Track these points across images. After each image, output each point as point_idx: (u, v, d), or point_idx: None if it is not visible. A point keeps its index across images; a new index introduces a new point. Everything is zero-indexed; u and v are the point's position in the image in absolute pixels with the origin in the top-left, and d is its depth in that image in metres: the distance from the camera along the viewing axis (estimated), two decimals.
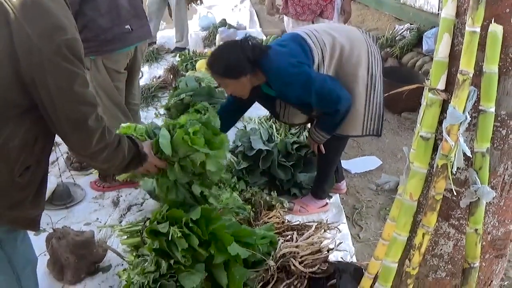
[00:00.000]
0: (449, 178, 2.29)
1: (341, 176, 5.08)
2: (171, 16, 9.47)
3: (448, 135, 2.19)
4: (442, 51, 2.27)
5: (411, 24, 8.91)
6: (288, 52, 3.94)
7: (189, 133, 3.24)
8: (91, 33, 4.22)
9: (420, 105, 2.47)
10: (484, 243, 2.46)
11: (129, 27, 4.43)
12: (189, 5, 9.69)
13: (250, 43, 3.93)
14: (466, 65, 2.12)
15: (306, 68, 3.87)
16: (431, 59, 5.97)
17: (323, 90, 3.89)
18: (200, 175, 3.43)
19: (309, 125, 4.97)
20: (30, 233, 2.83)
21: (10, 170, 2.40)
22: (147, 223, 3.52)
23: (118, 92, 4.63)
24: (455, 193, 2.37)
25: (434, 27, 8.17)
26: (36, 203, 2.65)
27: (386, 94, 2.93)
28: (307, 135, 5.19)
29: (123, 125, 3.44)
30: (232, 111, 4.64)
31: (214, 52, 4.12)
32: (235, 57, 3.87)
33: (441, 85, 2.28)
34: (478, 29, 2.11)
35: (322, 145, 4.36)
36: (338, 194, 5.00)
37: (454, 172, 2.31)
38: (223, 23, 10.32)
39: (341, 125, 4.10)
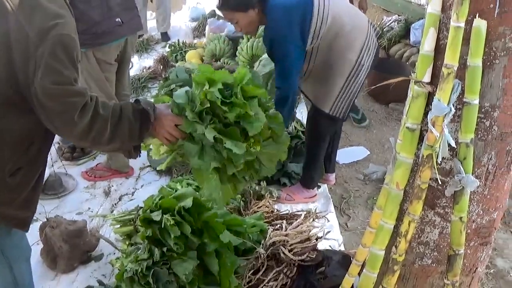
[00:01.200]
0: (435, 168, 2.34)
1: (333, 168, 5.13)
2: (152, 1, 9.41)
3: (433, 126, 2.24)
4: (427, 45, 2.32)
5: (399, 16, 8.97)
6: (293, 6, 4.00)
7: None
8: (82, 26, 4.21)
9: (407, 96, 2.53)
10: (469, 231, 2.51)
11: (119, 20, 4.44)
12: None
13: None
14: (451, 59, 2.18)
15: (293, 33, 3.99)
16: (419, 50, 6.04)
17: (280, 71, 4.11)
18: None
19: (298, 115, 5.04)
20: None
21: (2, 169, 2.44)
22: (140, 211, 3.57)
23: (108, 83, 4.65)
24: (440, 182, 2.42)
25: (422, 18, 8.20)
26: (27, 205, 2.66)
27: (374, 86, 2.98)
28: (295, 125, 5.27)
29: None
30: None
31: None
32: None
33: (427, 78, 2.33)
34: (462, 24, 2.16)
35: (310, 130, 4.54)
36: (326, 184, 5.06)
37: (439, 162, 2.36)
38: (213, 14, 10.26)
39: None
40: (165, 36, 9.52)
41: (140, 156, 2.94)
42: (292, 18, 3.97)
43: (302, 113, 5.94)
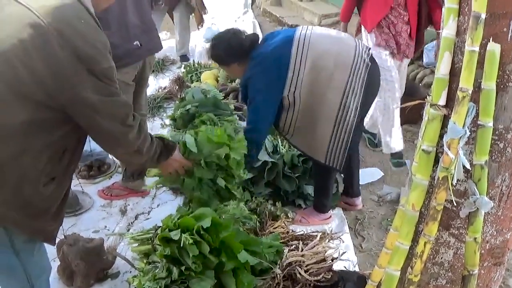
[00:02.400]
0: (450, 190, 2.37)
1: (357, 191, 5.12)
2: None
3: (449, 149, 2.27)
4: (443, 69, 2.36)
5: None
6: (266, 57, 4.14)
7: (211, 133, 3.69)
8: None
9: (421, 118, 2.57)
10: (482, 251, 2.53)
11: (138, 43, 4.47)
12: (192, 14, 9.73)
13: (239, 36, 4.33)
14: (466, 83, 2.22)
15: (265, 90, 4.12)
16: (432, 71, 6.03)
17: (251, 114, 4.26)
18: (223, 170, 3.78)
19: None
20: None
21: (37, 179, 2.50)
22: (158, 230, 3.61)
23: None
24: (455, 204, 2.45)
25: (434, 40, 8.23)
26: (57, 216, 2.77)
27: (405, 105, 2.98)
28: None
29: None
30: None
31: (212, 41, 4.53)
32: (226, 46, 4.30)
33: (442, 101, 2.36)
34: (477, 48, 2.21)
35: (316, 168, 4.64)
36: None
37: (454, 184, 2.39)
38: None
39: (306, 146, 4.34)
40: (184, 58, 9.57)
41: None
42: (267, 67, 4.10)
43: None
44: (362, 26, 5.64)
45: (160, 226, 3.61)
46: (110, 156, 5.71)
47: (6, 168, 2.43)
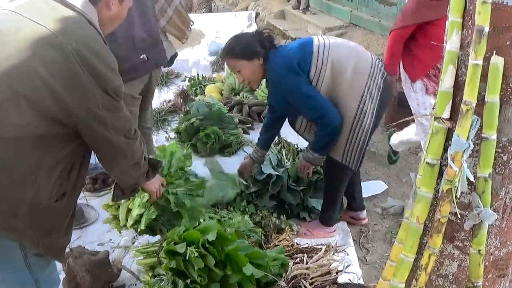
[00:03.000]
0: (454, 202, 2.38)
1: (361, 205, 5.13)
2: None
3: (453, 162, 2.29)
4: (447, 82, 2.37)
5: None
6: (292, 58, 4.12)
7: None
8: None
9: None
10: (486, 263, 2.54)
11: (145, 57, 4.52)
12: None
13: (264, 33, 4.27)
14: (469, 96, 2.23)
15: (301, 79, 4.07)
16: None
17: (308, 105, 4.13)
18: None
19: None
20: None
21: (50, 195, 2.54)
22: (164, 243, 3.62)
23: (131, 116, 4.72)
24: (459, 216, 2.46)
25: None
26: (68, 231, 2.82)
27: (394, 123, 3.01)
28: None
29: None
30: (272, 126, 4.86)
31: (228, 41, 4.40)
32: (250, 40, 4.20)
33: (446, 114, 2.38)
34: (480, 62, 2.22)
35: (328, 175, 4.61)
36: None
37: (458, 196, 2.40)
38: None
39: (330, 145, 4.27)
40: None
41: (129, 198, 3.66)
42: (292, 66, 4.07)
43: None
44: (405, 74, 5.44)
45: (166, 239, 3.62)
46: None
47: (23, 183, 2.47)
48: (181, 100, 7.81)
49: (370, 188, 5.77)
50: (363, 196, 5.29)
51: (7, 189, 2.44)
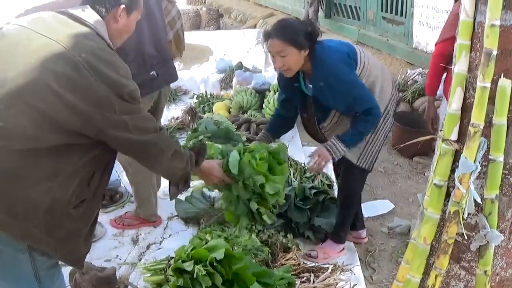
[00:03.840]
0: (461, 223, 2.40)
1: (362, 224, 5.11)
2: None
3: (460, 184, 2.31)
4: (454, 104, 2.40)
5: (423, 69, 9.01)
6: (342, 51, 4.13)
7: (255, 158, 3.66)
8: None
9: (431, 150, 2.60)
10: (492, 284, 2.55)
11: (154, 73, 4.54)
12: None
13: (314, 26, 4.13)
14: (477, 118, 2.25)
15: (354, 73, 4.07)
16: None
17: (362, 95, 4.04)
18: (259, 194, 3.69)
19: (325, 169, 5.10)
20: None
21: (67, 202, 2.56)
22: (171, 261, 3.63)
23: None
24: (466, 237, 2.48)
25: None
26: (88, 239, 2.85)
27: (403, 145, 3.02)
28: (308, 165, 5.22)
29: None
30: (283, 119, 4.74)
31: (279, 21, 4.21)
32: (302, 28, 4.00)
33: (454, 136, 2.40)
34: (488, 84, 2.25)
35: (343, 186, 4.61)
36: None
37: (465, 217, 2.42)
38: (239, 66, 10.46)
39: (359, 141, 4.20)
40: None
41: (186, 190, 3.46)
42: (346, 58, 4.07)
43: (328, 166, 5.96)
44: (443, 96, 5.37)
45: (173, 257, 3.63)
46: (122, 185, 5.76)
47: (39, 191, 2.49)
48: (189, 117, 7.82)
49: (376, 207, 5.78)
50: (369, 215, 5.29)
51: (22, 195, 2.46)
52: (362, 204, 5.07)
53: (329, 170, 5.87)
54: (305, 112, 4.52)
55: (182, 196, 5.44)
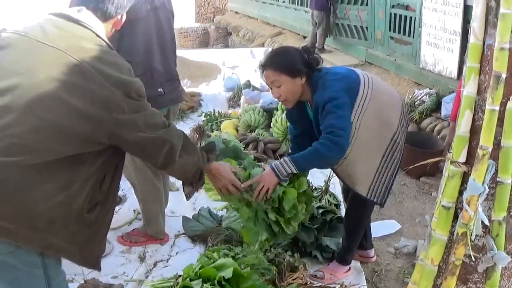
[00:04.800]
0: (468, 245, 2.41)
1: (370, 243, 5.09)
2: None
3: (468, 205, 2.32)
4: (463, 127, 2.41)
5: (430, 89, 9.05)
6: (342, 78, 4.02)
7: None
8: None
9: (438, 170, 2.62)
10: None
11: (161, 90, 4.58)
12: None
13: (311, 52, 4.10)
14: (486, 141, 2.27)
15: (346, 96, 3.91)
16: (450, 124, 6.00)
17: (338, 113, 3.83)
18: (277, 208, 3.77)
19: (331, 188, 5.11)
20: None
21: (81, 207, 2.59)
22: (179, 279, 3.64)
23: None
24: (473, 259, 2.48)
25: (453, 92, 8.28)
26: (103, 240, 2.90)
27: (412, 166, 3.03)
28: (328, 198, 5.28)
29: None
30: (300, 139, 4.53)
31: (273, 50, 4.26)
32: (296, 56, 3.99)
33: (462, 158, 2.41)
34: (497, 107, 2.26)
35: (350, 213, 4.55)
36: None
37: (473, 239, 2.43)
38: (248, 84, 10.51)
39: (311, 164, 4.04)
40: None
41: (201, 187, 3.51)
42: (340, 85, 3.94)
43: (335, 186, 5.97)
44: None
45: (181, 275, 3.64)
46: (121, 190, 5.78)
47: (56, 202, 2.51)
48: (197, 135, 7.84)
49: (383, 227, 5.77)
50: (376, 235, 5.29)
51: (41, 209, 2.48)
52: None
53: (336, 189, 5.88)
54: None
55: (189, 214, 5.47)
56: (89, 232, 2.71)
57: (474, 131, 2.42)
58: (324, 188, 5.51)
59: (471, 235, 2.39)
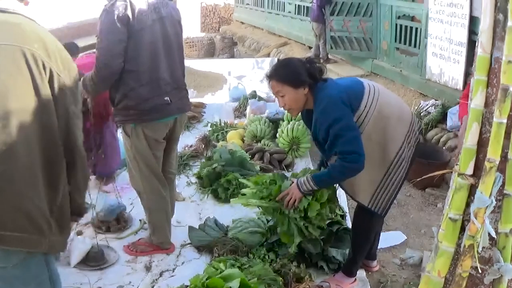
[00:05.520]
0: (475, 257, 2.42)
1: (375, 254, 5.10)
2: None
3: (475, 218, 2.33)
4: (471, 139, 2.42)
5: (436, 100, 9.05)
6: (342, 88, 4.11)
7: None
8: (132, 102, 4.43)
9: (444, 182, 2.63)
10: None
11: (168, 99, 4.59)
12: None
13: (314, 63, 4.22)
14: (493, 154, 2.28)
15: (347, 111, 3.99)
16: (456, 135, 6.03)
17: (346, 136, 3.94)
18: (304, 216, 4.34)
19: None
20: None
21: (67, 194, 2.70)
22: None
23: (155, 160, 4.79)
24: (479, 271, 2.49)
25: (459, 103, 8.29)
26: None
27: (419, 179, 3.04)
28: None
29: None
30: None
31: (277, 62, 4.43)
32: (299, 67, 4.13)
33: (470, 171, 2.42)
34: (505, 120, 2.27)
35: (356, 225, 4.61)
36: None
37: (479, 251, 2.44)
38: (253, 95, 10.53)
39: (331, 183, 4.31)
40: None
41: None
42: (341, 97, 4.01)
43: (341, 197, 5.96)
44: None
45: (187, 285, 3.65)
46: (127, 210, 5.79)
47: (52, 199, 2.60)
48: (203, 145, 7.86)
49: (388, 238, 5.77)
50: (381, 246, 5.29)
51: (43, 208, 2.55)
52: None
53: (342, 200, 5.89)
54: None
55: (195, 224, 5.48)
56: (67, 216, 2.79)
57: (482, 143, 2.42)
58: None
59: (478, 247, 2.40)
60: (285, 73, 4.14)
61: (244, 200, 4.52)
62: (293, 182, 4.31)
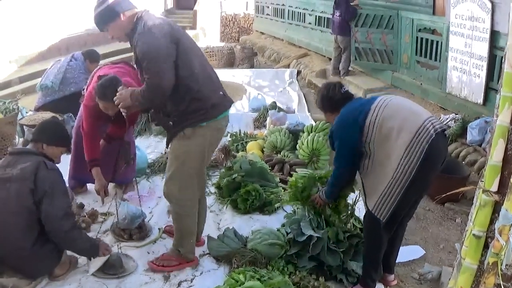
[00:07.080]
0: (499, 275, 2.41)
1: (392, 268, 5.07)
2: None
3: (500, 235, 2.32)
4: (496, 156, 2.41)
5: (456, 114, 9.01)
6: (354, 109, 4.60)
7: None
8: (199, 102, 4.51)
9: (463, 196, 2.62)
10: None
11: (222, 93, 4.76)
12: None
13: (337, 91, 4.87)
14: None
15: (351, 130, 4.50)
16: (475, 150, 6.00)
17: (338, 152, 4.68)
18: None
19: (356, 212, 5.18)
20: None
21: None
22: None
23: (203, 165, 4.93)
24: None
25: (479, 118, 8.25)
26: None
27: (444, 195, 3.02)
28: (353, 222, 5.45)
29: None
30: None
31: (318, 91, 5.17)
32: (324, 97, 4.94)
33: (494, 187, 2.42)
34: None
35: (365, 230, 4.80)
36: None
37: (503, 269, 2.43)
38: (273, 105, 10.53)
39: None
40: None
41: None
42: (350, 117, 4.53)
43: (360, 210, 5.94)
44: None
45: None
46: (146, 219, 5.79)
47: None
48: (223, 156, 7.86)
49: (407, 253, 5.74)
50: (400, 260, 5.27)
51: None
52: None
53: (361, 213, 5.87)
54: None
55: (214, 235, 5.48)
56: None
57: (507, 160, 2.41)
58: (349, 212, 5.49)
59: (501, 265, 2.39)
60: (319, 102, 5.07)
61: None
62: (319, 189, 5.29)
